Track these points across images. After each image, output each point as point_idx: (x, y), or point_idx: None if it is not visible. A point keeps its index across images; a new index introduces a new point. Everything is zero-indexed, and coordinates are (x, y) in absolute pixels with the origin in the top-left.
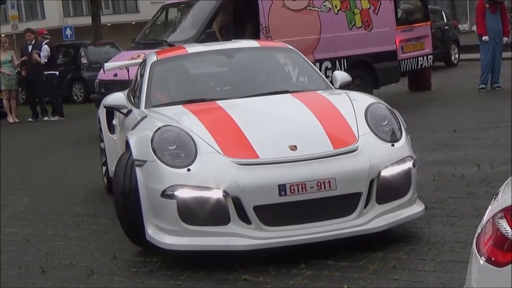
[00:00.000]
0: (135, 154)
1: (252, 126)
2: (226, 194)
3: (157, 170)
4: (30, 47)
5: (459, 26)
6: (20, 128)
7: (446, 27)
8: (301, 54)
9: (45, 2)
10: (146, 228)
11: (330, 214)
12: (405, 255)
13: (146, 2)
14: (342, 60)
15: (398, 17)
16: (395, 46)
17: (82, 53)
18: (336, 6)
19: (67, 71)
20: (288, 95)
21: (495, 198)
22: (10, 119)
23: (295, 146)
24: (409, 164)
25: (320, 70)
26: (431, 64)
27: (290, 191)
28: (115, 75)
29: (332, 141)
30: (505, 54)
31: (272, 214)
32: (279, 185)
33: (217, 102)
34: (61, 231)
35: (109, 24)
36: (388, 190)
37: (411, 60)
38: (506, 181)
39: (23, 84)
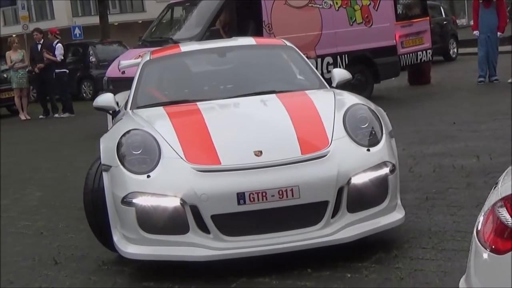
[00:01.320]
0: (102, 158)
1: (221, 131)
2: (183, 202)
3: (120, 176)
4: (39, 46)
5: (457, 21)
6: (32, 125)
7: (445, 22)
8: (299, 51)
9: (54, 2)
10: (113, 235)
11: (294, 224)
12: (407, 244)
13: (152, 1)
14: (343, 56)
15: (398, 12)
16: (395, 41)
17: (91, 52)
18: (336, 3)
19: (76, 69)
20: (273, 95)
21: (495, 188)
22: (22, 116)
23: (261, 152)
24: (385, 170)
25: (322, 65)
26: (430, 59)
27: (250, 199)
28: (123, 72)
29: (301, 146)
30: (506, 48)
31: (231, 224)
32: (237, 193)
33: (198, 103)
34: (72, 224)
35: (116, 23)
36: (360, 198)
37: (411, 54)
38: (506, 171)
39: (34, 82)
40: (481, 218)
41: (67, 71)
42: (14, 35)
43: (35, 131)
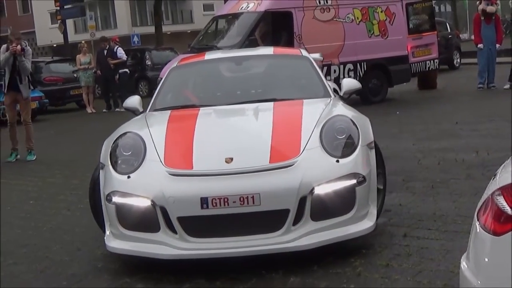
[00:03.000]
0: (101, 157)
1: (204, 137)
2: (154, 203)
3: (108, 174)
4: (104, 51)
5: (461, 35)
6: (96, 118)
7: (450, 36)
8: (312, 61)
9: (117, 14)
10: (106, 229)
11: (255, 229)
12: (415, 225)
13: (200, 13)
14: (362, 63)
15: (410, 27)
16: (406, 51)
17: (147, 56)
18: (357, 18)
19: (134, 71)
20: (270, 104)
21: (493, 179)
22: (88, 110)
23: (231, 159)
24: (351, 182)
25: (343, 71)
26: (437, 67)
27: (212, 204)
28: None
29: (271, 155)
30: (504, 59)
31: (196, 226)
32: (201, 198)
33: (201, 109)
34: None
35: (169, 33)
36: (324, 208)
37: (420, 63)
38: (503, 164)
39: (98, 81)
40: (481, 205)
41: (128, 71)
42: (83, 41)
43: (99, 122)
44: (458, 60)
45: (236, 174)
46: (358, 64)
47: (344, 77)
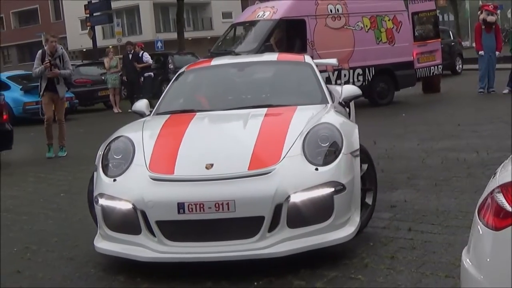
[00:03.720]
0: (96, 159)
1: (191, 142)
2: (134, 207)
3: (97, 176)
4: (130, 56)
5: (463, 43)
6: (122, 117)
7: (452, 43)
8: (314, 68)
9: (142, 21)
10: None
11: (231, 235)
12: (419, 220)
13: (219, 21)
14: (370, 68)
15: (415, 35)
16: (412, 57)
17: (170, 60)
18: (366, 26)
19: (158, 74)
20: (263, 110)
21: (493, 177)
22: (115, 109)
23: (212, 165)
24: (329, 190)
25: (353, 75)
26: (441, 72)
27: (188, 209)
28: None
29: (251, 162)
30: (503, 66)
31: (173, 230)
32: (178, 203)
33: (197, 114)
34: None
35: (190, 38)
36: (300, 215)
37: (425, 68)
38: (502, 164)
39: (125, 84)
40: (481, 201)
41: (153, 74)
42: (110, 46)
43: (125, 122)
44: (460, 66)
45: (214, 180)
46: (366, 69)
47: (353, 80)
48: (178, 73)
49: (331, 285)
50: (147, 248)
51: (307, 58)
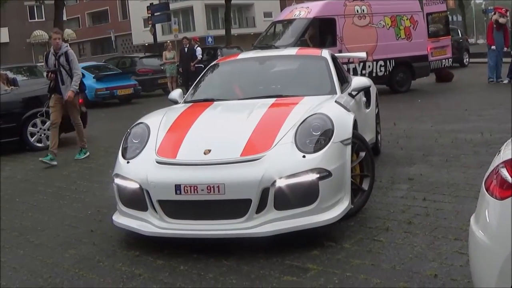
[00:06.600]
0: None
1: (198, 129)
2: (140, 186)
3: (118, 158)
4: (186, 49)
5: (469, 39)
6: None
7: (461, 40)
8: (329, 61)
9: (195, 19)
10: None
11: (222, 215)
12: (432, 191)
13: (261, 19)
14: (391, 60)
15: (429, 32)
16: (426, 51)
17: (219, 53)
18: (388, 24)
19: (208, 65)
20: (271, 100)
21: (498, 154)
22: None
23: (209, 151)
24: (313, 176)
25: (376, 66)
26: (450, 65)
27: (184, 191)
28: None
29: (245, 149)
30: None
31: (172, 208)
32: (175, 185)
33: (214, 103)
34: None
35: (236, 34)
36: (286, 198)
37: (437, 61)
38: (505, 143)
39: (180, 73)
40: (487, 175)
41: (203, 66)
42: (168, 41)
43: None
44: (467, 60)
45: (208, 165)
46: (388, 61)
47: (376, 71)
48: (210, 65)
49: (357, 246)
50: (151, 223)
51: (324, 53)
